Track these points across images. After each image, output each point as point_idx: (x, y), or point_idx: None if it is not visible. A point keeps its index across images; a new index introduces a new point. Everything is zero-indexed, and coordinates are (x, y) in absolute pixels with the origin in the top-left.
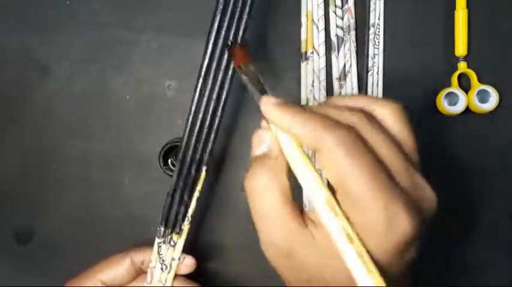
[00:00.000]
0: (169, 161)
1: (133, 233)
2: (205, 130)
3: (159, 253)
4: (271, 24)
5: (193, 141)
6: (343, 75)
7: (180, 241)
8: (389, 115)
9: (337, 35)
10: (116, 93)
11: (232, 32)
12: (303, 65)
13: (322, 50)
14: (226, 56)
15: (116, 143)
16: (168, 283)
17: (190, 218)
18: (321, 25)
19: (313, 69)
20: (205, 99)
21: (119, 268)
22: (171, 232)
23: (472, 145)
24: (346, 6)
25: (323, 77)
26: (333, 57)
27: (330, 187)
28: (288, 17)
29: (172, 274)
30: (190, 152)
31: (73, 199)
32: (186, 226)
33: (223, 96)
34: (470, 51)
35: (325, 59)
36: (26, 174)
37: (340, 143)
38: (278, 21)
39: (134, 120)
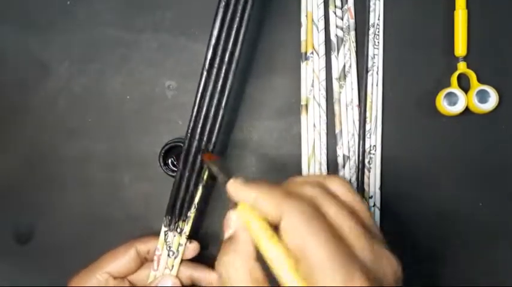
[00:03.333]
0: (170, 161)
1: (133, 233)
2: (209, 121)
3: (165, 241)
4: (271, 24)
5: (198, 132)
6: (343, 75)
7: (187, 227)
8: (341, 188)
9: (337, 35)
10: (115, 93)
11: (235, 26)
12: (303, 65)
13: (322, 50)
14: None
15: (115, 143)
16: (175, 268)
17: (196, 206)
18: (321, 25)
19: (313, 69)
20: (209, 90)
21: (124, 258)
22: (178, 220)
23: (472, 145)
24: (346, 7)
25: (323, 77)
26: (333, 57)
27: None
28: (288, 17)
29: (179, 259)
30: (195, 143)
31: (73, 199)
32: (192, 213)
33: (227, 88)
34: (470, 51)
35: (325, 59)
36: (26, 174)
37: (301, 214)
38: (278, 22)
39: (134, 120)
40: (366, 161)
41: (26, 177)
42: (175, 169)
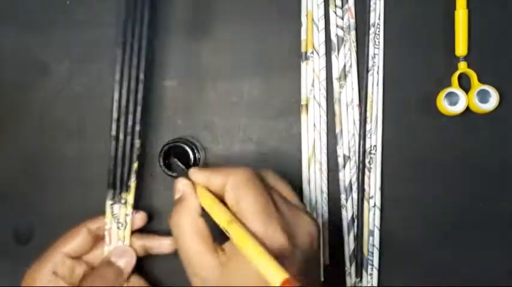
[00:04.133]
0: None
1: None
2: (132, 94)
3: (112, 214)
4: (271, 24)
5: (123, 104)
6: (343, 75)
7: (130, 197)
8: (271, 175)
9: (337, 35)
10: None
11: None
12: (303, 65)
13: (322, 50)
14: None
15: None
16: (127, 240)
17: (135, 175)
18: (321, 25)
19: (314, 69)
20: (126, 67)
21: (77, 238)
22: (120, 192)
23: (472, 145)
24: (346, 6)
25: (323, 77)
26: (333, 57)
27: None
28: (288, 16)
29: (128, 229)
30: (123, 116)
31: (73, 199)
32: (133, 183)
33: (143, 65)
34: (470, 51)
35: (325, 59)
36: (26, 174)
37: (242, 175)
38: (278, 21)
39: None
40: (366, 161)
41: (26, 177)
42: (171, 171)
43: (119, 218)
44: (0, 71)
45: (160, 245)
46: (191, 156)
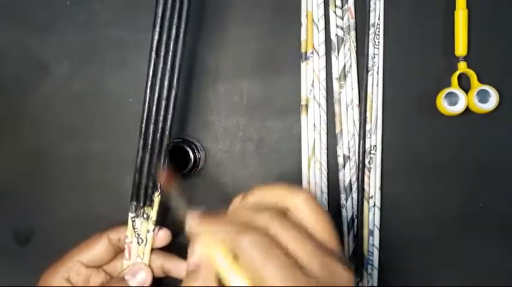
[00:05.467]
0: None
1: None
2: (163, 101)
3: (134, 228)
4: (271, 24)
5: (153, 113)
6: (343, 75)
7: (153, 212)
8: (301, 204)
9: (337, 35)
10: (115, 93)
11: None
12: (303, 65)
13: (322, 50)
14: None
15: (115, 143)
16: (146, 257)
17: (160, 189)
18: (321, 25)
19: (313, 69)
20: (159, 70)
21: (96, 247)
22: (143, 205)
23: (472, 145)
24: (346, 6)
25: (323, 77)
26: (333, 57)
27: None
28: (288, 17)
29: (148, 247)
30: (151, 125)
31: (73, 199)
32: (156, 197)
33: (177, 67)
34: (470, 51)
35: (325, 59)
36: (26, 174)
37: (254, 248)
38: (278, 22)
39: (134, 120)
40: (366, 161)
41: (26, 177)
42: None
43: (140, 234)
44: (0, 71)
45: (179, 269)
46: (191, 156)
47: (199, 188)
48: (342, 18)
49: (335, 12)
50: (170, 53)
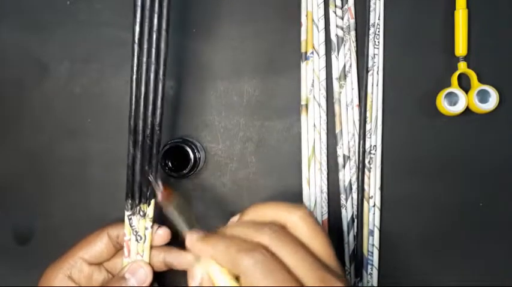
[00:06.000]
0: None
1: None
2: (151, 95)
3: (131, 225)
4: (271, 24)
5: (141, 108)
6: (343, 75)
7: (149, 209)
8: (298, 221)
9: (337, 35)
10: (115, 93)
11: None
12: (303, 65)
13: (322, 50)
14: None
15: (115, 143)
16: (146, 253)
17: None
18: (321, 25)
19: (313, 69)
20: (144, 63)
21: (97, 244)
22: (139, 203)
23: (472, 145)
24: (346, 6)
25: (323, 77)
26: (333, 57)
27: None
28: (288, 17)
29: (148, 243)
30: (140, 121)
31: (73, 199)
32: (152, 198)
33: (162, 59)
34: (470, 51)
35: (325, 59)
36: (26, 174)
37: (256, 269)
38: (278, 21)
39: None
40: (366, 161)
41: (26, 177)
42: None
43: (138, 231)
44: (1, 70)
45: (181, 260)
46: (191, 156)
47: (199, 188)
48: (342, 18)
49: (335, 12)
50: (154, 45)
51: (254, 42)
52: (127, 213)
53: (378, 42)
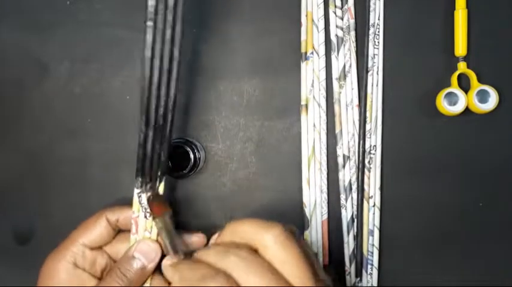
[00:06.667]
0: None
1: None
2: (165, 74)
3: (140, 203)
4: (271, 24)
5: (154, 87)
6: (343, 75)
7: (160, 187)
8: (270, 242)
9: (337, 35)
10: (115, 93)
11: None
12: (303, 65)
13: (322, 50)
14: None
15: (115, 143)
16: (154, 231)
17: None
18: (321, 25)
19: (313, 69)
20: (158, 44)
21: (96, 228)
22: (150, 180)
23: (472, 145)
24: (346, 7)
25: (323, 77)
26: (333, 57)
27: None
28: (288, 17)
29: None
30: (154, 100)
31: (73, 199)
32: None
33: (178, 37)
34: (470, 51)
35: (325, 59)
36: (26, 174)
37: None
38: (278, 22)
39: (134, 120)
40: (366, 161)
41: (26, 177)
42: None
43: (147, 208)
44: (1, 70)
45: (189, 241)
46: (191, 156)
47: (199, 188)
48: (342, 19)
49: (335, 13)
50: (169, 23)
51: (254, 42)
52: (137, 191)
53: (378, 42)
